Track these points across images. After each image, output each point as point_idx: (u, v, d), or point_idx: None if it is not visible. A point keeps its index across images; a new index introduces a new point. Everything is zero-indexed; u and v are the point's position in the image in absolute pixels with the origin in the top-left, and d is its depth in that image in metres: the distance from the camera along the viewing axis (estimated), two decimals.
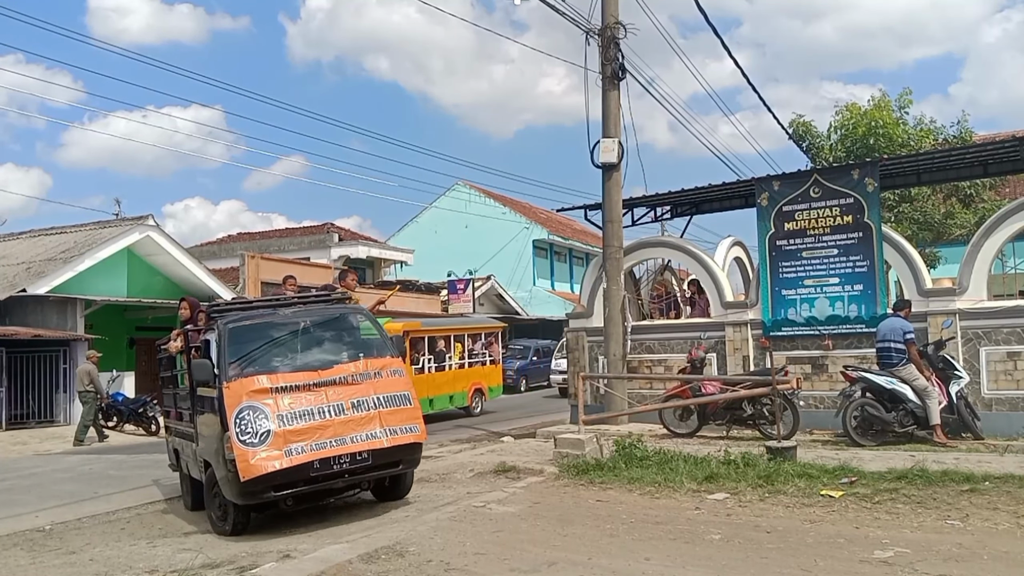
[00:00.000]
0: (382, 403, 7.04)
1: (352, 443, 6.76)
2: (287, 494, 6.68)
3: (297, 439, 6.54)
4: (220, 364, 6.82)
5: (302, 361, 7.15)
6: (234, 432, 6.39)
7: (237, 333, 7.13)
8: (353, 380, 7.05)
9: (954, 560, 4.99)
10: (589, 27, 13.61)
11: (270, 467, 6.38)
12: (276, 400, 6.64)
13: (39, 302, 18.62)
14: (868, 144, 18.79)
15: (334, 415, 6.77)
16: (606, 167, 13.57)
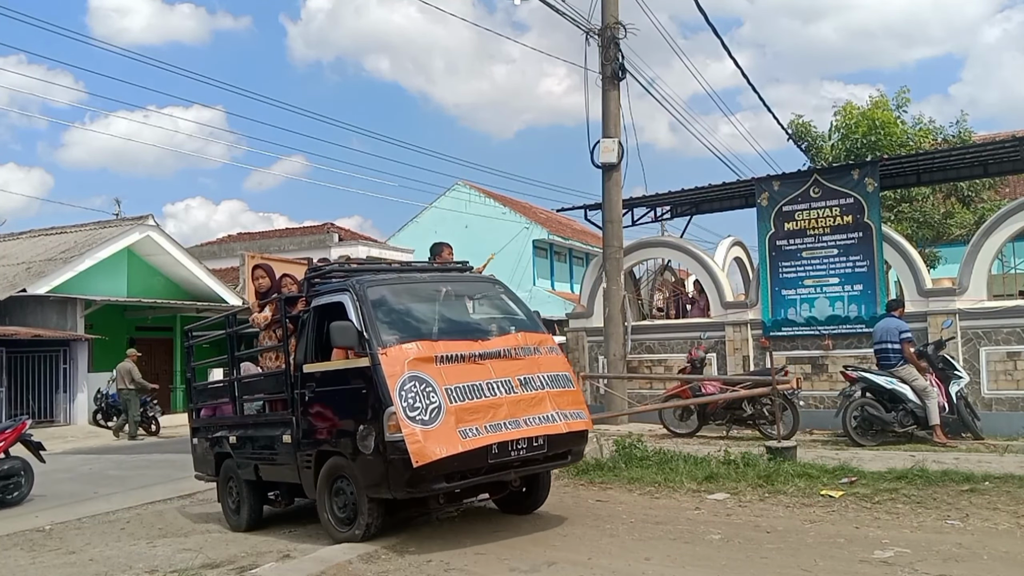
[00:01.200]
0: (549, 383, 6.13)
1: (527, 426, 5.80)
2: (460, 484, 5.73)
3: (471, 419, 5.54)
4: (367, 329, 5.73)
5: (456, 330, 6.26)
6: (400, 407, 5.35)
7: (380, 295, 6.15)
8: (516, 354, 6.13)
9: (954, 560, 4.99)
10: (589, 27, 13.62)
11: (447, 450, 5.35)
12: (442, 371, 5.64)
13: (39, 302, 18.63)
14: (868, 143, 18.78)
15: (503, 392, 5.80)
16: (606, 167, 13.57)
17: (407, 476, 5.39)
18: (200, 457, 8.13)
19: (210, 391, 8.65)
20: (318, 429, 6.17)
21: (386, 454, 5.42)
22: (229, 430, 7.42)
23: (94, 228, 22.01)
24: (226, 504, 7.51)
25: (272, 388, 6.93)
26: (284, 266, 8.23)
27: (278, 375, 6.72)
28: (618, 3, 13.56)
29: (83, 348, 18.71)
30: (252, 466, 7.02)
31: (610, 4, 13.51)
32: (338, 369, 6.02)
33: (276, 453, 6.64)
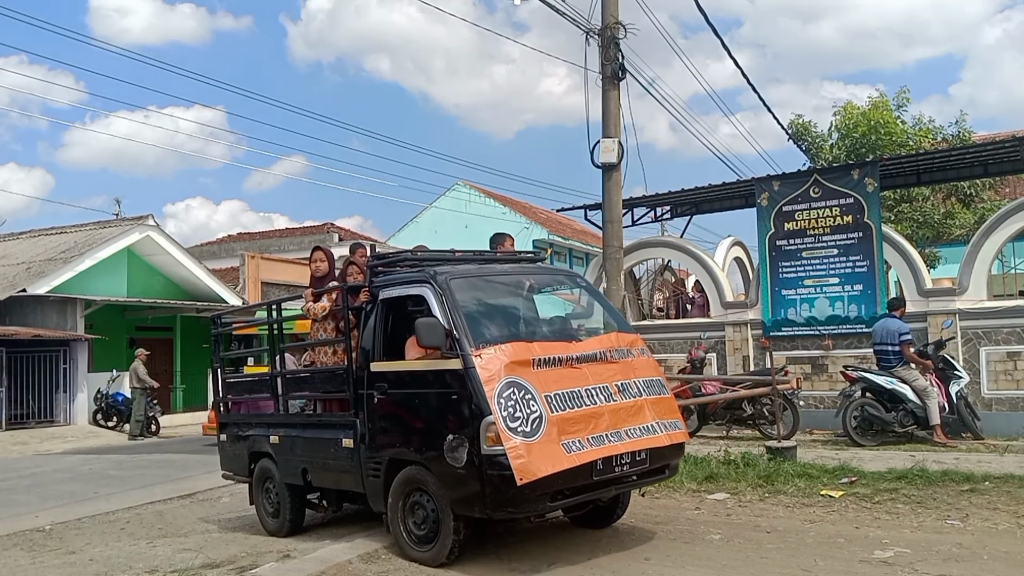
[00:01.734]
0: (645, 389, 5.62)
1: (629, 438, 5.28)
2: (562, 504, 5.15)
3: (573, 430, 5.02)
4: (455, 327, 5.15)
5: (547, 330, 5.83)
6: (500, 417, 4.76)
7: (466, 288, 5.55)
8: (611, 358, 5.60)
9: (954, 560, 4.99)
10: (589, 27, 13.62)
11: (553, 466, 4.80)
12: (539, 376, 5.10)
13: (39, 302, 18.63)
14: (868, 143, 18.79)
15: (603, 400, 5.29)
16: (606, 167, 13.56)
17: (509, 495, 4.78)
18: (230, 455, 7.55)
19: (245, 385, 8.00)
20: (390, 435, 5.57)
21: (482, 469, 4.81)
22: (269, 428, 6.86)
23: (94, 228, 22.01)
24: (262, 507, 7.02)
25: (328, 386, 6.29)
26: (286, 267, 8.16)
27: (335, 372, 6.12)
28: (618, 3, 13.56)
29: (83, 348, 18.71)
30: (299, 469, 6.41)
31: (610, 4, 13.50)
32: (419, 371, 5.39)
33: (332, 458, 6.05)
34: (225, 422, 7.67)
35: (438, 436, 5.11)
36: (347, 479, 6.02)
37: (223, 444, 7.67)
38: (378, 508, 5.71)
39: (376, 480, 5.65)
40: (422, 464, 5.30)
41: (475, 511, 5.03)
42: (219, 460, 7.75)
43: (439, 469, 5.13)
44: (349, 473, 5.94)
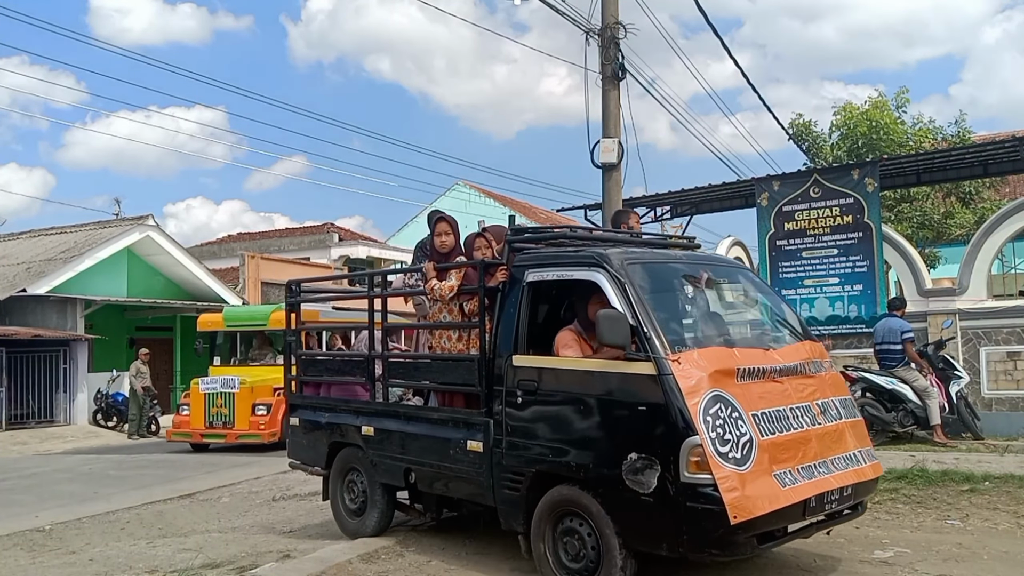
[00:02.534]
0: (843, 411, 4.81)
1: (835, 470, 4.48)
2: (768, 547, 4.36)
3: (784, 459, 4.23)
4: (643, 323, 4.29)
5: (737, 333, 5.09)
6: (708, 438, 3.96)
7: (644, 277, 4.66)
8: (809, 371, 4.77)
9: (954, 560, 4.99)
10: (589, 27, 13.63)
11: (770, 503, 4.02)
12: (744, 391, 4.28)
13: (39, 302, 18.63)
14: (868, 143, 18.82)
15: (807, 423, 4.48)
16: (606, 167, 13.56)
17: (716, 534, 3.95)
18: (302, 442, 6.74)
19: (330, 365, 7.15)
20: (538, 444, 4.69)
21: (680, 500, 3.98)
22: (361, 417, 6.08)
23: (94, 228, 22.00)
24: (341, 504, 6.32)
25: (450, 376, 5.44)
26: (286, 267, 8.06)
27: (462, 361, 5.31)
28: (618, 3, 13.56)
29: (83, 348, 18.71)
30: (400, 469, 5.67)
31: (610, 4, 13.51)
32: (588, 371, 4.55)
33: (452, 461, 5.23)
34: (298, 404, 6.85)
35: (612, 453, 4.25)
36: (468, 488, 5.20)
37: (294, 429, 6.83)
38: (512, 526, 4.92)
39: (513, 494, 4.82)
40: (583, 485, 4.44)
41: (661, 548, 4.18)
42: (288, 447, 6.98)
43: (610, 493, 4.27)
44: (472, 481, 5.10)
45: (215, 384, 13.31)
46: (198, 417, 13.21)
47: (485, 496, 5.06)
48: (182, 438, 13.48)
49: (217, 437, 13.21)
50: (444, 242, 5.72)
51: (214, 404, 13.15)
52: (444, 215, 5.92)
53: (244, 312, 15.69)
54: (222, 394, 13.16)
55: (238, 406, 13.02)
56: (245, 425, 12.94)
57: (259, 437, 12.85)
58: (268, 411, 12.95)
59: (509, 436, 4.85)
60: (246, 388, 13.08)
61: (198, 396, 13.31)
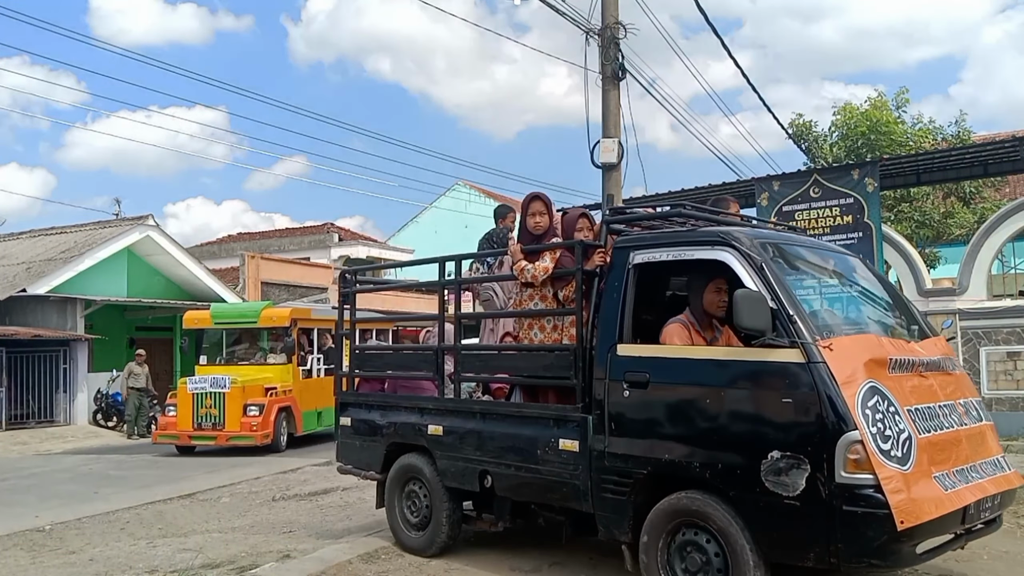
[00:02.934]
0: (981, 412, 4.48)
1: (985, 475, 4.14)
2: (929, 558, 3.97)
3: (941, 460, 3.90)
4: (784, 306, 3.90)
5: (875, 322, 4.63)
6: (868, 433, 3.60)
7: (781, 259, 4.30)
8: (949, 368, 4.46)
9: (954, 560, 4.98)
10: (589, 27, 13.63)
11: (937, 508, 3.69)
12: (897, 384, 3.91)
13: (39, 302, 18.63)
14: (868, 143, 18.82)
15: (955, 423, 4.15)
16: (606, 167, 13.57)
17: (879, 541, 3.56)
18: (354, 444, 6.22)
19: (390, 359, 6.70)
20: (649, 442, 4.24)
21: (835, 504, 3.60)
22: (426, 415, 5.57)
23: (94, 228, 22.00)
24: (400, 515, 5.75)
25: (539, 368, 4.94)
26: (286, 267, 7.96)
27: (553, 352, 4.82)
28: (618, 3, 13.57)
29: (83, 348, 18.71)
30: (475, 472, 5.13)
31: (610, 4, 13.51)
32: (718, 360, 4.16)
33: (540, 462, 4.75)
34: (350, 402, 6.31)
35: (747, 452, 3.85)
36: (559, 492, 4.71)
37: (344, 430, 6.27)
38: (613, 535, 4.47)
39: (617, 500, 4.36)
40: (708, 488, 4.01)
41: (807, 559, 3.76)
42: (337, 449, 6.41)
43: (744, 497, 3.85)
44: (564, 485, 4.62)
45: (204, 384, 12.86)
46: (186, 418, 12.75)
47: (579, 501, 4.56)
48: (168, 440, 13.02)
49: (206, 439, 12.79)
50: (539, 223, 5.17)
51: (203, 405, 12.72)
52: (540, 193, 5.41)
53: (233, 309, 15.37)
54: (212, 394, 12.73)
55: (229, 407, 12.62)
56: (236, 426, 12.55)
57: (251, 439, 12.48)
58: (260, 412, 12.60)
59: (613, 434, 4.37)
60: (237, 388, 12.72)
61: (186, 396, 12.85)
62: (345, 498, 8.40)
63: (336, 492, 8.79)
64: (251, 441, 12.47)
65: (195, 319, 14.16)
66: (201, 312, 14.49)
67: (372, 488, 6.44)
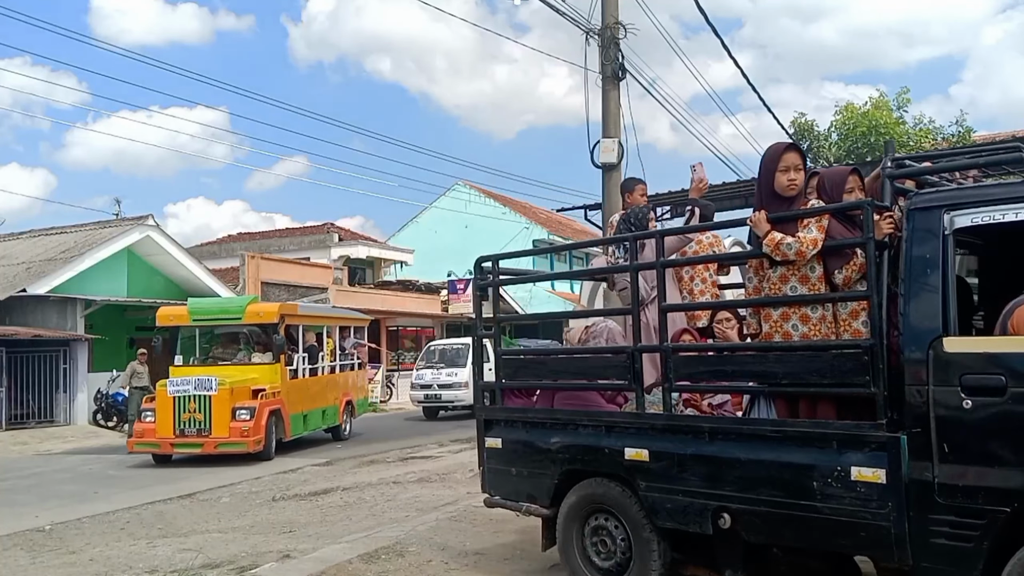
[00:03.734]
0: None
1: None
2: None
3: None
4: None
5: None
6: None
7: None
8: None
9: None
10: (589, 27, 13.64)
11: None
12: None
13: (39, 302, 18.63)
14: (869, 143, 18.83)
15: None
16: (606, 167, 13.57)
17: None
18: (508, 472, 5.06)
19: (556, 365, 5.44)
20: (1015, 471, 3.13)
21: None
22: (624, 436, 4.43)
23: (94, 228, 22.01)
24: (582, 559, 4.60)
25: (808, 373, 3.74)
26: (286, 267, 7.83)
27: (832, 351, 3.69)
28: (618, 3, 13.57)
29: (83, 348, 18.71)
30: (708, 510, 3.99)
31: (610, 4, 13.52)
32: None
33: (817, 498, 3.63)
34: (500, 419, 5.16)
35: None
36: (855, 538, 3.56)
37: (493, 454, 5.12)
38: None
39: (959, 548, 3.27)
40: None
41: None
42: (483, 477, 5.25)
43: None
44: (862, 527, 3.51)
45: (187, 386, 11.65)
46: (166, 424, 11.54)
47: (887, 550, 3.46)
48: (146, 449, 11.77)
49: (191, 447, 11.56)
50: (794, 182, 3.96)
51: (186, 409, 11.50)
52: (794, 143, 4.51)
53: (214, 305, 14.19)
54: (196, 397, 11.53)
55: (216, 410, 11.44)
56: (225, 432, 11.38)
57: (243, 445, 11.33)
58: (251, 415, 11.47)
59: (947, 460, 3.30)
60: (225, 390, 11.56)
61: (166, 400, 11.64)
62: (345, 498, 8.40)
63: (336, 492, 8.79)
64: (242, 447, 11.36)
65: (170, 316, 13.04)
66: (177, 308, 13.46)
67: (372, 488, 6.46)
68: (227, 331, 13.47)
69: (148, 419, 11.75)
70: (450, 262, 33.64)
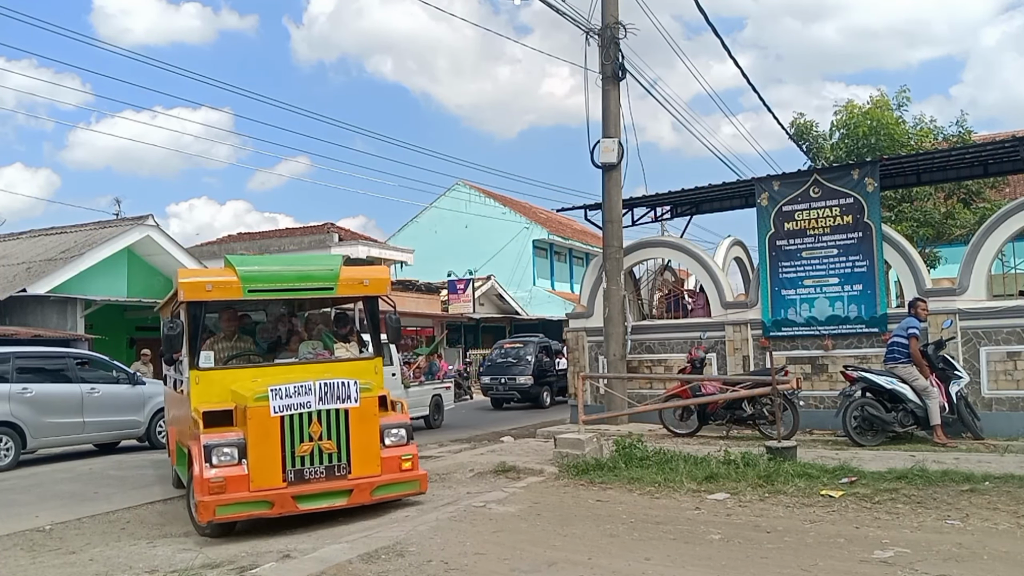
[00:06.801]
0: None
1: None
2: None
3: None
4: None
5: None
6: None
7: None
8: None
9: (954, 560, 4.99)
10: (589, 27, 13.64)
11: None
12: None
13: (39, 302, 18.63)
14: (869, 143, 18.82)
15: None
16: (606, 167, 13.58)
17: None
18: None
19: None
20: None
21: None
22: None
23: (94, 228, 22.02)
24: None
25: None
26: None
27: None
28: (618, 3, 13.58)
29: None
30: None
31: (610, 4, 13.53)
32: None
33: None
34: None
35: None
36: None
37: None
38: None
39: None
40: None
41: None
42: None
43: None
44: None
45: (305, 397, 6.80)
46: (271, 466, 6.65)
47: None
48: (244, 512, 6.60)
49: (330, 498, 6.86)
50: None
51: (303, 436, 6.76)
52: None
53: (283, 269, 8.20)
54: (322, 415, 6.84)
55: (356, 434, 6.98)
56: (374, 467, 7.05)
57: (412, 486, 7.34)
58: (407, 437, 7.41)
59: None
60: (369, 400, 7.14)
61: (268, 424, 6.67)
62: None
63: None
64: (411, 489, 7.37)
65: (201, 288, 7.55)
66: (212, 274, 8.38)
67: None
68: (289, 313, 9.04)
69: (227, 460, 6.61)
70: (450, 262, 33.65)
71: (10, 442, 11.82)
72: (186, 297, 7.52)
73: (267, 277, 7.85)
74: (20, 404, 11.95)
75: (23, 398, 11.99)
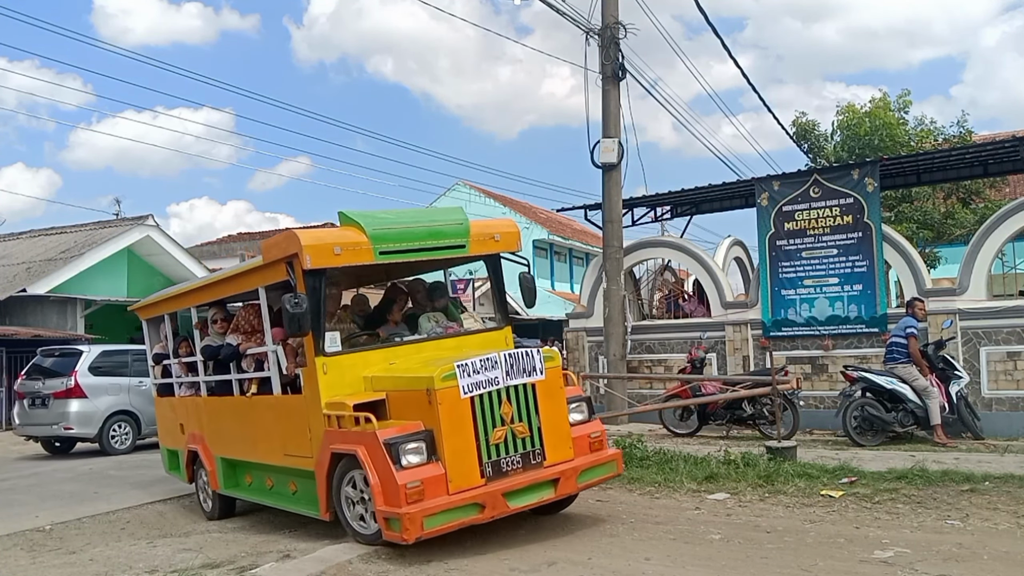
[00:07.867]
0: None
1: None
2: None
3: None
4: None
5: None
6: None
7: None
8: None
9: (954, 560, 4.98)
10: (589, 27, 13.64)
11: None
12: None
13: (39, 302, 18.63)
14: (870, 144, 18.82)
15: None
16: (606, 167, 13.58)
17: None
18: None
19: None
20: None
21: None
22: None
23: (94, 228, 22.02)
24: None
25: None
26: None
27: None
28: (618, 3, 13.58)
29: None
30: None
31: (610, 4, 13.53)
32: None
33: None
34: None
35: None
36: None
37: None
38: None
39: None
40: None
41: None
42: None
43: None
44: None
45: (492, 372, 5.71)
46: (469, 459, 5.55)
47: None
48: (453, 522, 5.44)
49: (538, 492, 5.79)
50: None
51: (494, 419, 5.67)
52: None
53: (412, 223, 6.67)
54: (511, 392, 5.79)
55: (546, 412, 5.92)
56: (567, 451, 6.01)
57: (609, 468, 6.28)
58: (588, 413, 6.41)
59: None
60: (554, 370, 6.11)
61: (459, 409, 5.54)
62: None
63: None
64: (611, 472, 6.34)
65: (327, 252, 5.98)
66: (333, 235, 6.26)
67: None
68: (413, 274, 7.86)
69: (414, 461, 5.43)
70: None
71: (129, 429, 13.51)
72: (313, 264, 5.86)
73: (398, 236, 6.41)
74: (137, 395, 13.56)
75: (139, 390, 13.46)
